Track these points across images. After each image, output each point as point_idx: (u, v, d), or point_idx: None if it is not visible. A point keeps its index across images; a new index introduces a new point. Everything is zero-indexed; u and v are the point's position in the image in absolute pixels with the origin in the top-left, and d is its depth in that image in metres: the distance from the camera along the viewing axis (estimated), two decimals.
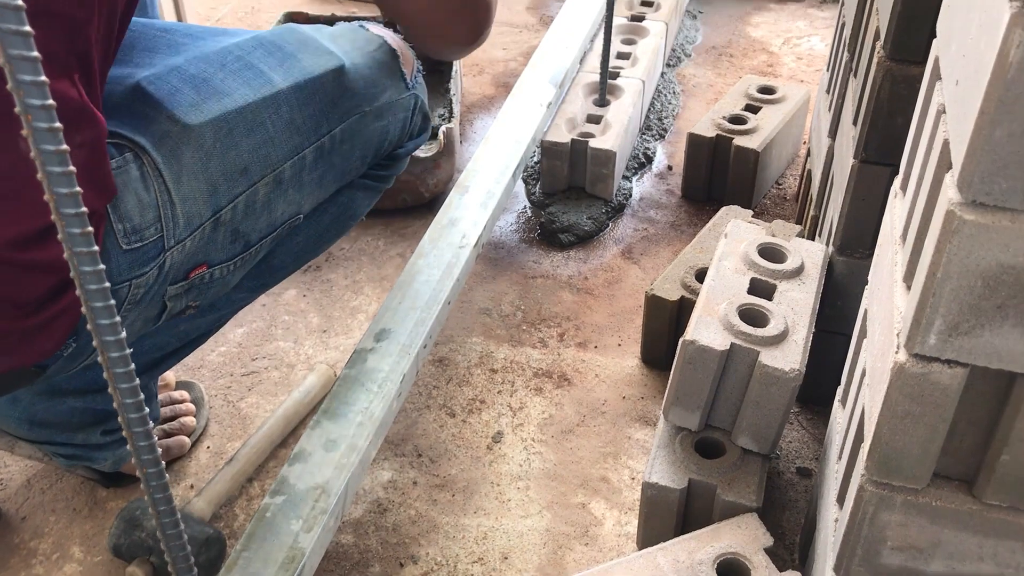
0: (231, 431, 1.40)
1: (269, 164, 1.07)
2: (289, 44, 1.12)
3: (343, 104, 1.14)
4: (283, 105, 1.07)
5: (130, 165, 0.94)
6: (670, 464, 1.18)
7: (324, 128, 1.12)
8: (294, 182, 1.11)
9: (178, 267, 1.01)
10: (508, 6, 2.55)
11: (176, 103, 0.99)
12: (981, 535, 0.84)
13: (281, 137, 1.07)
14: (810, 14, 2.49)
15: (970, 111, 0.66)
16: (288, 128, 1.08)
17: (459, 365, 1.51)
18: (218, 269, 1.08)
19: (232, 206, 1.04)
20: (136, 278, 0.96)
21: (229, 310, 1.25)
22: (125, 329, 1.02)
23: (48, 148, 0.50)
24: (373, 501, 1.31)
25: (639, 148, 1.96)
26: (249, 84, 1.05)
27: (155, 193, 0.96)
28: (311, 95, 1.10)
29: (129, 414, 0.59)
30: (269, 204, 1.09)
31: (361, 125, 1.17)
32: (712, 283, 1.24)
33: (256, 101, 1.04)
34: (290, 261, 1.26)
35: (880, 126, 1.16)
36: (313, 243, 1.27)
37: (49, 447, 1.23)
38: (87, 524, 1.27)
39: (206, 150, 1.00)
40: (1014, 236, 0.68)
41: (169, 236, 0.98)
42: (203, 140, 1.00)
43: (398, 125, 1.25)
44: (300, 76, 1.09)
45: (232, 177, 1.03)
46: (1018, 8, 0.59)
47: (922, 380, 0.77)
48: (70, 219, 0.52)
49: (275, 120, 1.06)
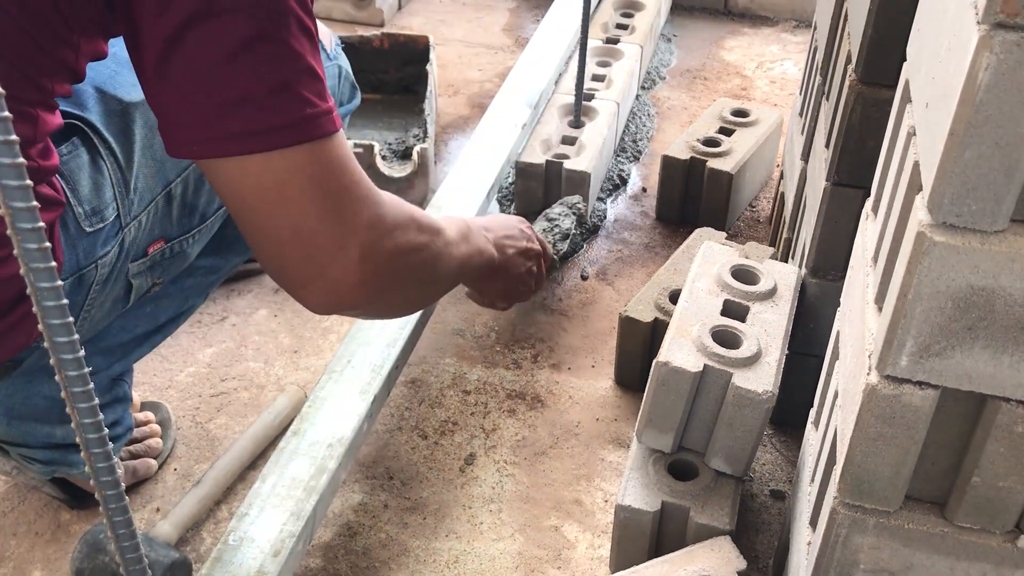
0: (199, 453, 1.38)
1: None
2: None
3: None
4: None
5: (79, 150, 0.96)
6: (643, 487, 1.17)
7: None
8: None
9: (137, 244, 1.04)
10: (484, 27, 2.56)
11: (116, 84, 1.02)
12: (953, 557, 0.84)
13: None
14: (783, 38, 2.52)
15: (940, 133, 0.66)
16: None
17: (431, 386, 1.50)
18: (176, 243, 1.10)
19: (182, 179, 1.07)
20: (101, 258, 0.99)
21: (195, 290, 1.26)
22: (97, 312, 1.04)
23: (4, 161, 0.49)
24: (343, 524, 1.29)
25: (613, 170, 1.97)
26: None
27: (108, 172, 0.98)
28: None
29: (88, 434, 0.57)
30: None
31: None
32: (686, 305, 1.23)
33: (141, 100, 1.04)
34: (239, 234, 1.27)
35: (852, 149, 1.17)
36: None
37: (26, 450, 1.20)
38: (49, 548, 1.25)
39: (151, 126, 1.01)
40: (984, 258, 0.68)
41: (125, 213, 1.00)
42: (148, 117, 1.01)
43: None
44: None
45: None
46: (986, 31, 0.60)
47: (894, 402, 0.76)
48: (25, 234, 0.51)
49: None
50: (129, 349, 1.23)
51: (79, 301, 1.00)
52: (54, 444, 1.19)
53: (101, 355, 1.19)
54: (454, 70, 2.36)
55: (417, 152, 1.75)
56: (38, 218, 0.53)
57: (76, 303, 1.00)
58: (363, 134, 1.98)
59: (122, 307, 1.09)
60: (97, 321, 1.08)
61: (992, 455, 0.77)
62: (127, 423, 1.27)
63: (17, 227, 0.51)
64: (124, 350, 1.22)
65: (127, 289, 1.07)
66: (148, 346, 1.26)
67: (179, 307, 1.26)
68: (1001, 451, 0.76)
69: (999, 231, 0.67)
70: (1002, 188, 0.65)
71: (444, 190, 1.62)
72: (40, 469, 1.22)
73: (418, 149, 1.75)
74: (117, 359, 1.22)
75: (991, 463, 0.77)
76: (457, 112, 2.19)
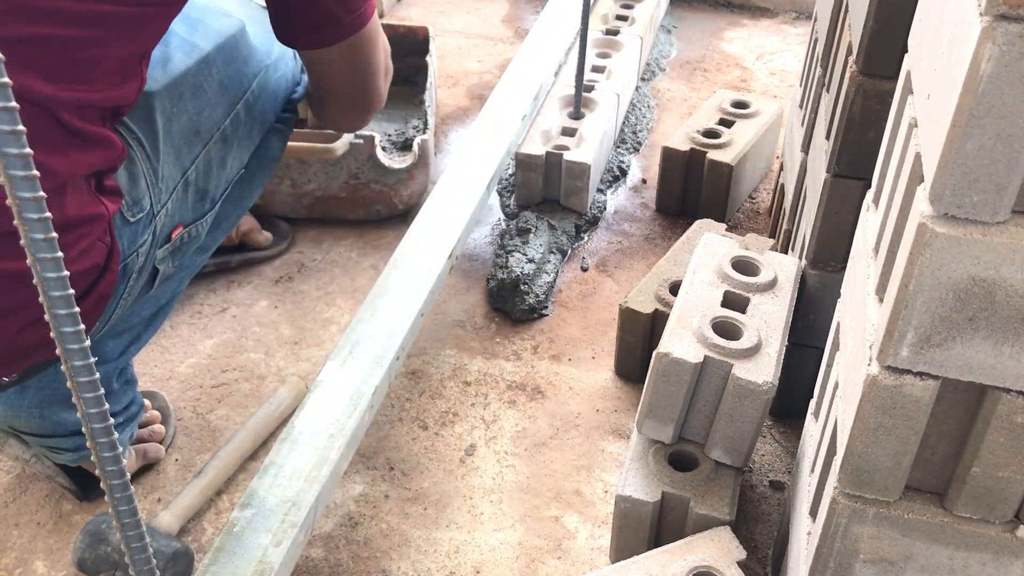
0: (200, 443, 1.38)
1: (214, 123, 1.12)
2: (192, 10, 1.14)
3: (252, 61, 1.18)
4: (213, 67, 1.11)
5: None
6: (643, 477, 1.17)
7: (245, 84, 1.17)
8: (235, 137, 1.16)
9: (163, 230, 1.07)
10: (484, 18, 2.56)
11: None
12: (952, 547, 0.84)
13: (217, 98, 1.12)
14: (783, 30, 2.52)
15: (941, 124, 0.66)
16: (221, 89, 1.13)
17: (432, 377, 1.50)
18: (192, 228, 1.13)
19: (195, 167, 1.10)
20: (140, 247, 1.02)
21: (187, 272, 1.28)
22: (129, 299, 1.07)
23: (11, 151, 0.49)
24: (344, 515, 1.29)
25: (613, 161, 1.97)
26: (181, 49, 1.09)
27: (139, 162, 1.01)
28: (230, 55, 1.14)
29: (93, 424, 0.57)
30: (222, 161, 1.15)
31: (268, 77, 1.22)
32: (686, 296, 1.24)
33: (192, 66, 1.08)
34: (231, 211, 1.29)
35: (852, 140, 1.17)
36: (247, 191, 1.30)
37: (55, 440, 1.21)
38: (51, 538, 1.25)
39: (167, 115, 1.04)
40: (985, 249, 0.68)
41: (156, 201, 1.03)
42: (164, 105, 1.04)
43: (289, 72, 1.29)
44: (217, 39, 1.13)
45: (190, 139, 1.08)
46: (988, 23, 0.60)
47: (894, 392, 0.77)
48: (32, 223, 0.51)
49: (210, 82, 1.11)
50: (138, 332, 1.24)
51: (121, 290, 1.03)
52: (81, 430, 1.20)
53: (113, 340, 1.20)
54: (453, 61, 2.35)
55: (417, 143, 1.75)
56: (44, 208, 0.53)
57: (118, 292, 1.03)
58: None
59: (146, 292, 1.12)
60: (127, 308, 1.10)
61: (992, 445, 0.77)
62: (139, 401, 1.30)
63: (24, 218, 0.51)
64: (133, 333, 1.24)
65: (153, 275, 1.10)
66: (153, 328, 1.28)
67: (176, 288, 1.28)
68: (1001, 441, 0.76)
69: (1000, 222, 0.68)
70: (1004, 179, 0.65)
71: (444, 181, 1.62)
72: (69, 457, 1.24)
73: (418, 140, 1.75)
74: (130, 342, 1.24)
75: (991, 453, 0.77)
76: (457, 103, 2.19)
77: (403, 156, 1.77)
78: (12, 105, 0.49)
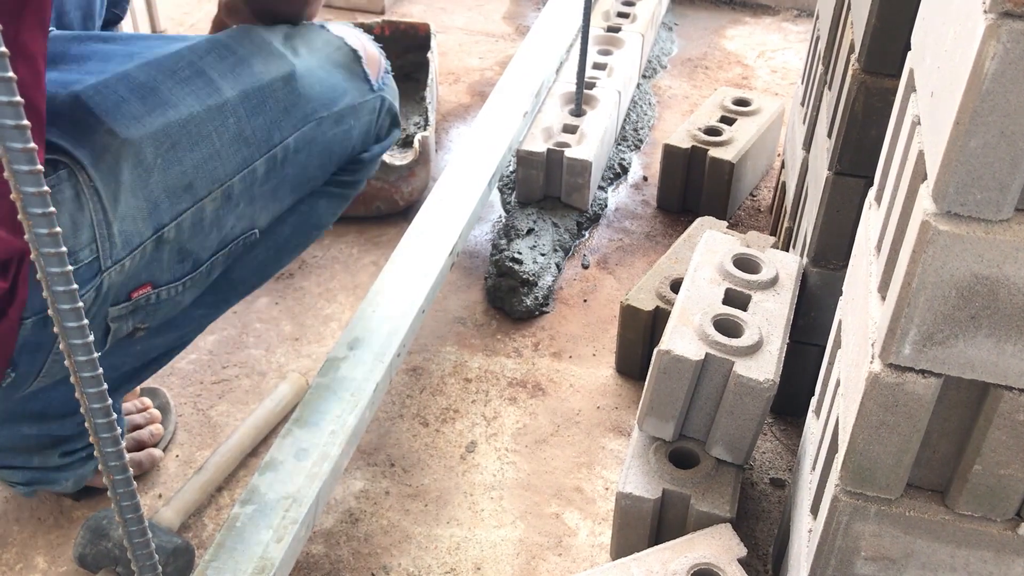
0: (201, 440, 1.38)
1: (216, 179, 1.02)
2: (242, 47, 1.07)
3: (296, 111, 1.09)
4: (230, 116, 1.03)
5: (64, 184, 0.90)
6: (644, 474, 1.17)
7: (276, 138, 1.07)
8: (245, 196, 1.07)
9: (118, 288, 0.97)
10: (485, 15, 2.56)
11: (118, 115, 0.95)
12: (953, 545, 0.84)
13: (229, 150, 1.03)
14: (784, 28, 2.51)
15: (945, 122, 0.66)
16: (236, 140, 1.03)
17: (433, 374, 1.50)
18: (165, 290, 1.03)
19: (176, 224, 0.99)
20: None
21: (191, 327, 1.21)
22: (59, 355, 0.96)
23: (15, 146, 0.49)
24: (345, 511, 1.29)
25: (615, 159, 1.97)
26: (196, 94, 1.01)
27: (90, 212, 0.91)
28: (260, 104, 1.05)
29: (97, 419, 0.57)
30: (218, 220, 1.04)
31: (318, 132, 1.12)
32: (687, 293, 1.24)
33: (201, 112, 1.00)
34: (250, 275, 1.22)
35: (854, 138, 1.17)
36: (274, 256, 1.23)
37: (5, 472, 1.20)
38: (52, 534, 1.25)
39: (146, 166, 0.95)
40: (988, 247, 0.68)
41: (105, 257, 0.94)
42: (143, 155, 0.95)
43: (362, 129, 1.19)
44: (249, 84, 1.05)
45: (175, 193, 0.98)
46: (992, 20, 0.60)
47: (896, 390, 0.77)
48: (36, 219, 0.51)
49: (222, 132, 1.02)
50: (116, 384, 1.16)
51: (46, 341, 0.94)
52: (32, 467, 1.19)
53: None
54: (455, 58, 2.35)
55: (418, 140, 1.74)
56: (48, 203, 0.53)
57: (44, 343, 0.94)
58: None
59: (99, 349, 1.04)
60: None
61: (994, 443, 0.77)
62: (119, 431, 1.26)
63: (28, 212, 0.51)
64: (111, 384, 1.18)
65: (105, 332, 1.01)
66: (136, 381, 1.21)
67: (171, 344, 1.21)
68: (1003, 439, 0.77)
69: (1004, 220, 0.68)
70: (1007, 177, 0.65)
71: (445, 178, 1.62)
72: (21, 491, 1.23)
73: (419, 137, 1.75)
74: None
75: (993, 451, 0.77)
76: (458, 100, 2.19)
77: (404, 153, 1.77)
78: None
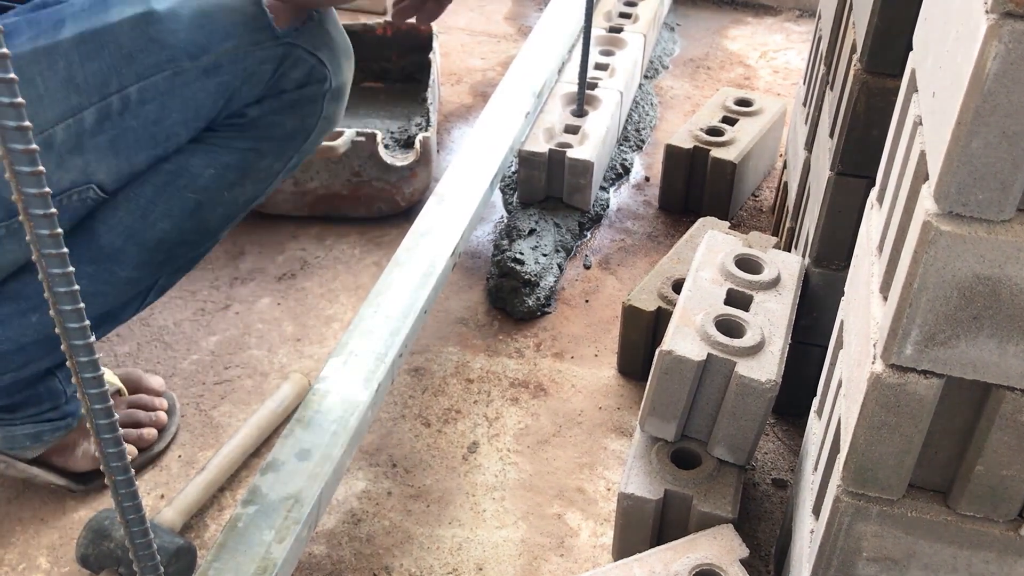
0: (203, 440, 1.38)
1: (35, 125, 0.98)
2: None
3: (144, 58, 1.00)
4: (60, 59, 0.95)
5: None
6: (646, 475, 1.17)
7: (113, 86, 0.99)
8: (69, 146, 0.99)
9: None
10: (486, 16, 2.56)
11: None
12: (956, 546, 0.84)
13: (54, 95, 0.96)
14: (787, 28, 2.51)
15: (947, 122, 0.66)
16: (65, 86, 0.96)
17: (435, 375, 1.50)
18: None
19: None
20: None
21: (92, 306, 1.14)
22: None
23: None
24: (347, 511, 1.29)
25: (616, 159, 1.97)
26: (31, 34, 0.94)
27: None
28: (98, 48, 0.97)
29: (94, 404, 0.57)
30: None
31: (175, 83, 1.02)
32: (689, 294, 1.24)
33: (27, 53, 0.93)
34: (123, 242, 1.12)
35: (856, 138, 1.17)
36: (141, 219, 1.11)
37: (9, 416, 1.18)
38: (54, 534, 1.25)
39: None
40: (990, 247, 0.68)
41: None
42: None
43: (249, 82, 1.08)
44: (90, 26, 0.97)
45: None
46: (994, 21, 0.60)
47: (898, 390, 0.77)
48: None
49: (48, 76, 0.95)
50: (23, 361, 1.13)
51: None
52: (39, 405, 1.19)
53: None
54: (457, 58, 2.35)
55: (420, 141, 1.74)
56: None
57: None
58: (366, 122, 1.98)
59: None
60: None
61: (996, 444, 0.77)
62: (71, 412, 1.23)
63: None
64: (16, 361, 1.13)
65: None
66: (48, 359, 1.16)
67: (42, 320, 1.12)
68: (1005, 440, 0.76)
69: (1005, 220, 0.68)
70: (1009, 177, 0.65)
71: (447, 179, 1.62)
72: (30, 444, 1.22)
73: (420, 138, 1.75)
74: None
75: (995, 452, 0.77)
76: (460, 101, 2.19)
77: (406, 154, 1.77)
78: None
